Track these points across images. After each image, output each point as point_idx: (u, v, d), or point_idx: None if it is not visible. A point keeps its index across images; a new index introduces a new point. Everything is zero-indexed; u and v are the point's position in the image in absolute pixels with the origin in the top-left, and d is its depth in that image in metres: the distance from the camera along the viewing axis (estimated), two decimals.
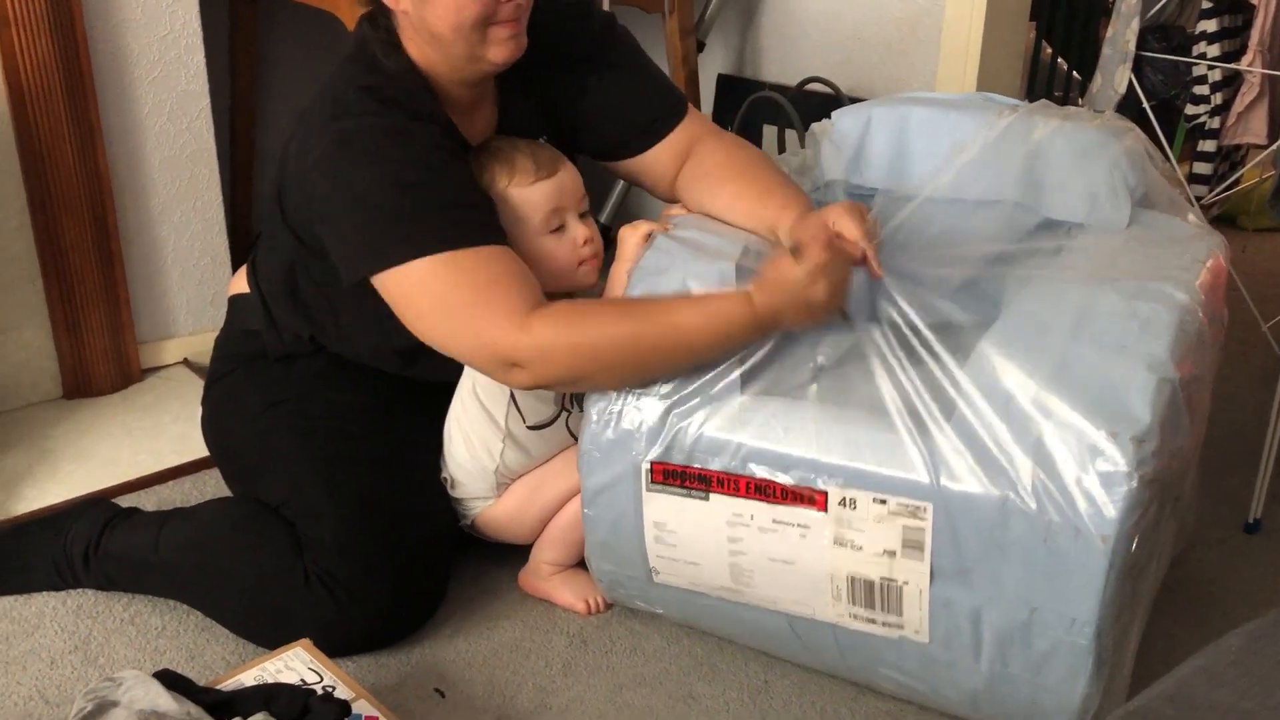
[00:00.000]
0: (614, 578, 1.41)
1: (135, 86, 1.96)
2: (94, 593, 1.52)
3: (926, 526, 1.16)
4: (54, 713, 1.33)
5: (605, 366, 1.29)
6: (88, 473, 1.81)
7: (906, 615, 1.21)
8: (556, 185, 1.43)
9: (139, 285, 2.06)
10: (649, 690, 1.38)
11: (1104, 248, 1.30)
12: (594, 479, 1.33)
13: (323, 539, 1.40)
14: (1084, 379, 1.13)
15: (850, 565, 1.21)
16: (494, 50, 1.36)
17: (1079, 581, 1.11)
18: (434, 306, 1.30)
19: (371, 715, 1.22)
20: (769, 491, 1.23)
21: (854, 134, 1.50)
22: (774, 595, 1.28)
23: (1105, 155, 1.37)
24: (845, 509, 1.20)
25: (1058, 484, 1.10)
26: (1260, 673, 0.72)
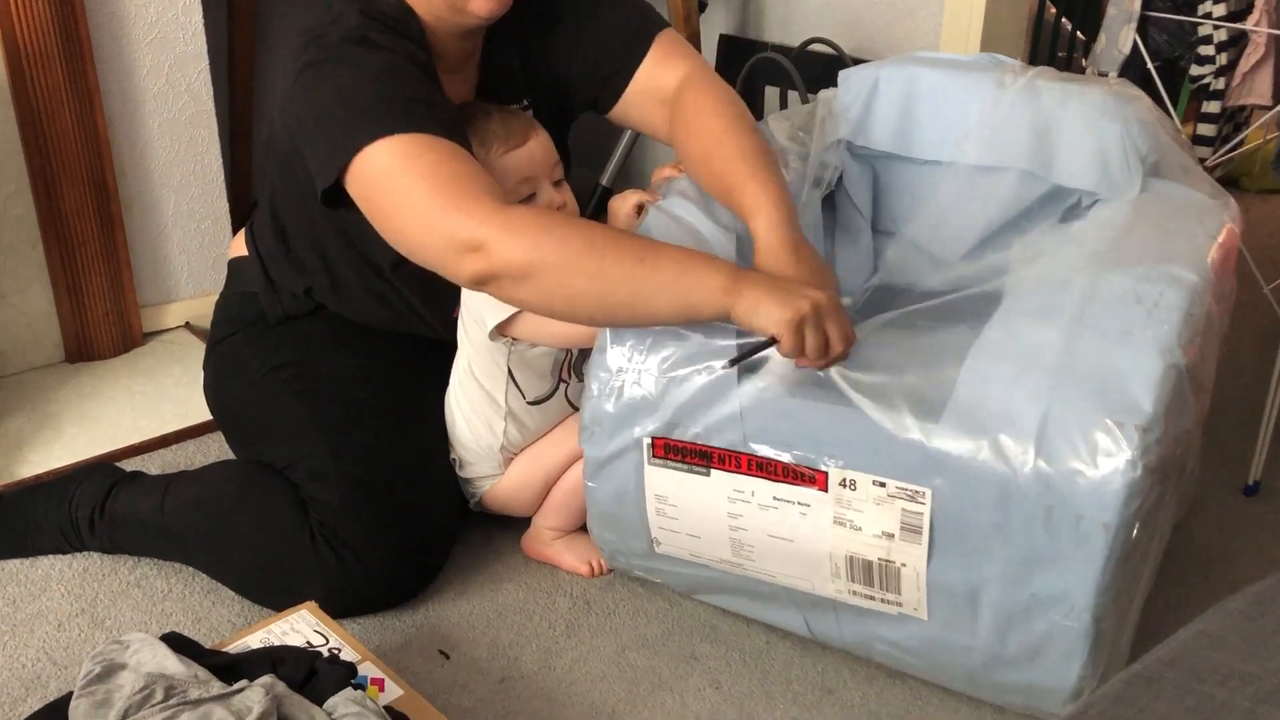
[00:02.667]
0: (616, 547, 1.41)
1: (133, 48, 1.95)
2: (100, 556, 1.53)
3: (925, 511, 1.15)
4: (62, 674, 1.34)
5: (564, 270, 1.19)
6: (91, 437, 1.82)
7: (905, 595, 1.21)
8: (526, 155, 1.42)
9: (140, 248, 2.06)
10: (652, 651, 1.39)
11: (1114, 221, 1.28)
12: (596, 452, 1.33)
13: (327, 500, 1.41)
14: (1089, 365, 1.11)
15: (849, 545, 1.21)
16: (475, 2, 1.35)
17: (1078, 567, 1.10)
18: (404, 190, 1.23)
19: (377, 677, 1.23)
20: (770, 469, 1.23)
21: (861, 95, 1.48)
22: (773, 569, 1.29)
23: (1117, 122, 1.35)
24: (845, 490, 1.19)
25: (1060, 471, 1.09)
26: (1261, 636, 0.73)
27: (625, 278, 1.19)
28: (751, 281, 1.18)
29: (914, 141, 1.46)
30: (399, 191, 1.24)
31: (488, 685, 1.34)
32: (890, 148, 1.47)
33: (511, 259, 1.20)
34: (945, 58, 1.50)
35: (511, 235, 1.20)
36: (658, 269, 1.19)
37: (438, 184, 1.22)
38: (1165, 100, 2.13)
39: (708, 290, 1.18)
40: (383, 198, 1.26)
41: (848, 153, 1.50)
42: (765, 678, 1.35)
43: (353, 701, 1.13)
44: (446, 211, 1.21)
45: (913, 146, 1.46)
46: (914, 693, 1.33)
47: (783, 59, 2.21)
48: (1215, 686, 0.69)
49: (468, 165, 1.26)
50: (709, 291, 1.18)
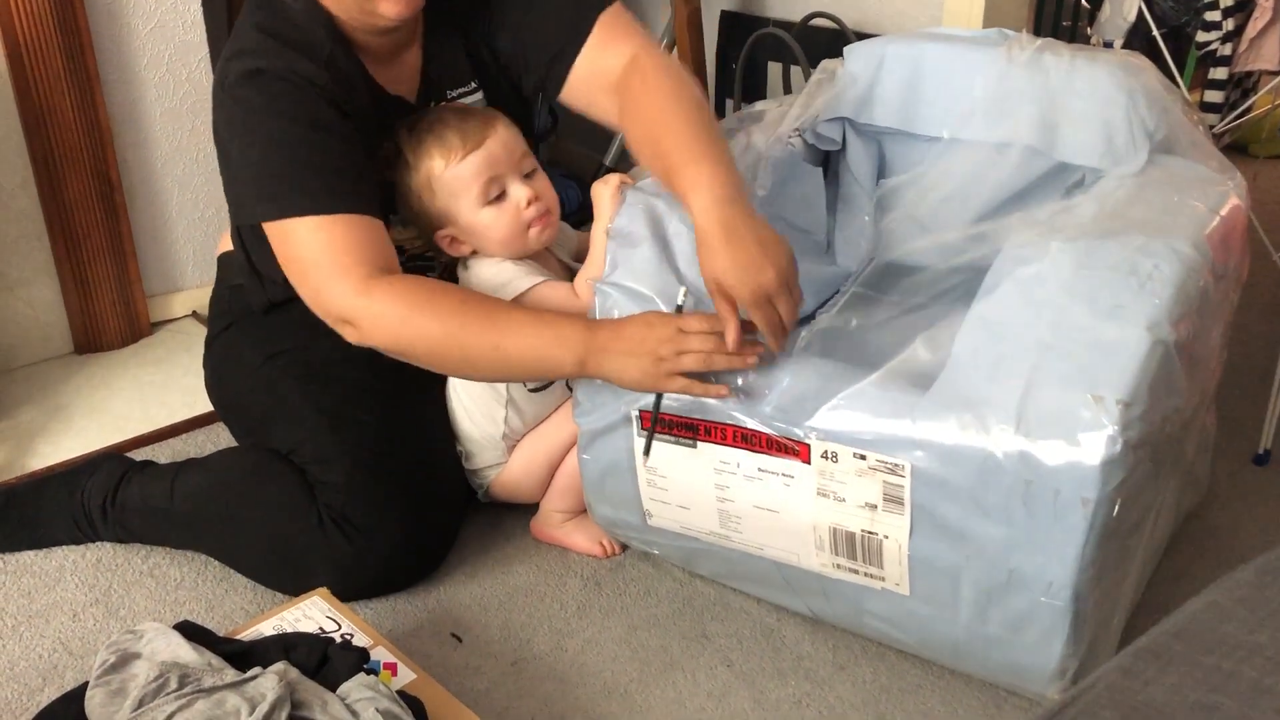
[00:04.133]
0: (611, 520, 1.42)
1: (132, 38, 1.95)
2: (113, 546, 1.54)
3: (906, 484, 1.14)
4: (78, 664, 1.35)
5: (430, 349, 1.31)
6: (101, 427, 1.82)
7: (887, 568, 1.20)
8: (485, 156, 1.40)
9: (145, 238, 2.06)
10: (662, 630, 1.40)
11: (1114, 196, 1.26)
12: (587, 425, 1.34)
13: (333, 481, 1.41)
14: (1075, 339, 1.09)
15: (832, 516, 1.21)
16: (386, 5, 1.33)
17: (1058, 544, 1.09)
18: (290, 260, 1.34)
19: (390, 661, 1.23)
20: (755, 441, 1.23)
21: (866, 71, 1.46)
22: (761, 542, 1.29)
23: (1123, 95, 1.33)
24: (827, 462, 1.19)
25: (1040, 445, 1.07)
26: (1270, 607, 0.73)
27: (488, 361, 1.31)
28: (600, 351, 1.25)
29: (919, 117, 1.45)
30: (290, 260, 1.34)
31: (500, 667, 1.35)
32: (895, 123, 1.46)
33: (378, 343, 1.32)
34: (954, 33, 1.48)
35: (374, 321, 1.30)
36: (513, 351, 1.29)
37: (318, 260, 1.31)
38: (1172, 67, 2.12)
39: (560, 368, 1.30)
40: (285, 260, 1.35)
41: (851, 128, 1.48)
42: (777, 655, 1.36)
43: (366, 686, 1.13)
44: (321, 288, 1.31)
45: (917, 122, 1.45)
46: (925, 669, 1.33)
47: (785, 34, 2.19)
48: (1223, 658, 0.69)
49: (356, 231, 1.31)
50: (561, 368, 1.30)
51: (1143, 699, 0.66)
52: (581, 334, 1.26)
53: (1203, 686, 0.67)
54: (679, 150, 1.27)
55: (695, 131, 1.29)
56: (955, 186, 1.39)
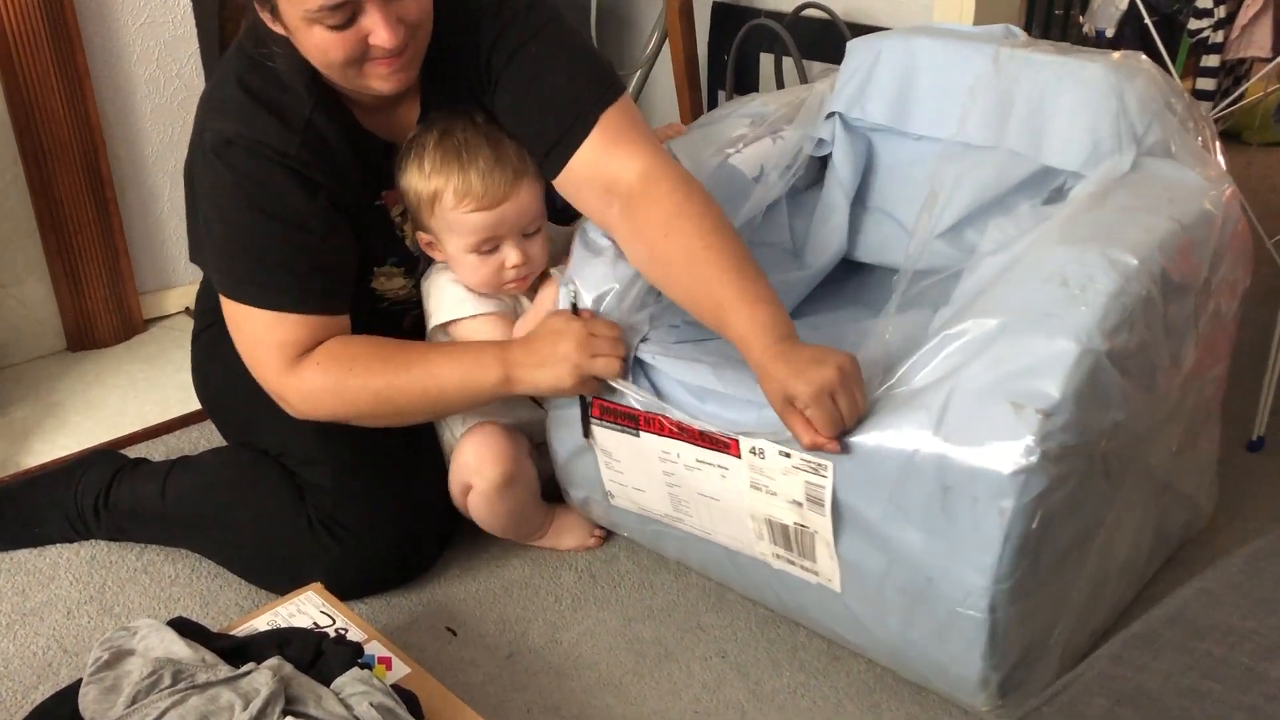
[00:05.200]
0: (583, 501, 1.45)
1: (122, 33, 1.94)
2: (107, 543, 1.54)
3: (827, 484, 1.13)
4: (73, 661, 1.35)
5: (363, 413, 1.35)
6: (95, 424, 1.82)
7: (819, 564, 1.20)
8: (494, 218, 1.36)
9: (137, 235, 2.06)
10: (658, 622, 1.40)
11: (1079, 202, 1.23)
12: (555, 408, 1.38)
13: (321, 484, 1.41)
14: (1004, 345, 1.07)
15: (766, 508, 1.21)
16: (377, 83, 1.29)
17: (975, 552, 1.06)
18: (233, 331, 1.37)
19: (384, 655, 1.23)
20: (688, 434, 1.23)
21: (863, 67, 1.44)
22: (708, 527, 1.30)
23: (1112, 100, 1.29)
24: (755, 457, 1.18)
25: (958, 451, 1.05)
26: (1261, 594, 0.73)
27: (419, 405, 1.35)
28: (519, 365, 1.30)
29: (909, 115, 1.43)
30: (233, 331, 1.37)
31: (495, 661, 1.35)
32: (886, 120, 1.44)
33: (311, 415, 1.36)
34: (954, 28, 1.46)
35: (303, 399, 1.34)
36: (442, 389, 1.33)
37: (255, 343, 1.35)
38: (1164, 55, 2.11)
39: (489, 391, 1.32)
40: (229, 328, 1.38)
41: (841, 125, 1.47)
42: (771, 646, 1.36)
43: (360, 681, 1.13)
44: (256, 366, 1.36)
45: (908, 120, 1.43)
46: None
47: (776, 25, 2.19)
48: (1214, 644, 0.69)
49: (287, 330, 1.32)
50: (491, 391, 1.32)
51: (1134, 685, 0.66)
52: (497, 354, 1.31)
53: (1194, 673, 0.67)
54: (730, 290, 1.20)
55: (742, 269, 1.22)
56: (935, 188, 1.37)
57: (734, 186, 1.45)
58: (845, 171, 1.47)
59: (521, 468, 1.43)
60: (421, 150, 1.37)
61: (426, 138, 1.38)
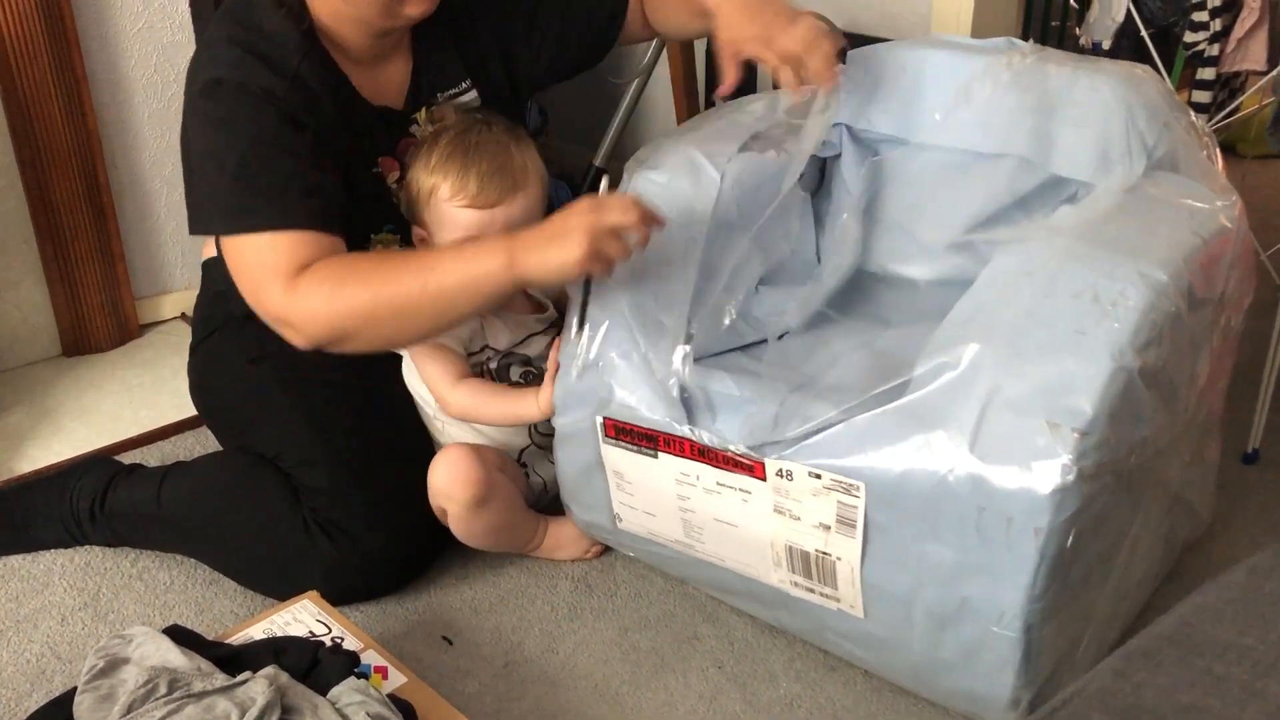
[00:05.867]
0: (587, 522, 1.42)
1: (120, 39, 1.94)
2: (102, 550, 1.53)
3: (859, 505, 1.12)
4: (66, 669, 1.34)
5: (365, 318, 1.29)
6: (90, 430, 1.82)
7: (841, 590, 1.18)
8: (485, 219, 1.38)
9: (133, 240, 2.05)
10: (654, 632, 1.40)
11: (1096, 213, 1.21)
12: (562, 425, 1.34)
13: (318, 485, 1.41)
14: (1035, 363, 1.06)
15: (788, 535, 1.19)
16: (410, 7, 1.36)
17: (1010, 573, 1.06)
18: (235, 272, 1.35)
19: (380, 665, 1.23)
20: (711, 455, 1.21)
21: (866, 77, 1.43)
22: (722, 554, 1.28)
23: (1122, 110, 1.29)
24: (782, 480, 1.17)
25: (993, 471, 1.05)
26: (1260, 609, 0.73)
27: (423, 305, 1.28)
28: (523, 247, 1.24)
29: (916, 124, 1.41)
30: (235, 272, 1.35)
31: (491, 670, 1.34)
32: (892, 130, 1.43)
33: (317, 334, 1.30)
34: (957, 40, 1.45)
35: (306, 315, 1.29)
36: (443, 285, 1.26)
37: (253, 270, 1.32)
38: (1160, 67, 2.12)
39: (493, 280, 1.25)
40: (229, 270, 1.36)
41: (847, 136, 1.45)
42: (768, 656, 1.36)
43: (356, 690, 1.13)
44: (256, 295, 1.33)
45: (914, 130, 1.41)
46: None
47: None
48: (1214, 660, 0.69)
49: (283, 249, 1.30)
50: (495, 280, 1.25)
51: (1134, 701, 0.67)
52: (500, 240, 1.27)
53: (1194, 689, 0.67)
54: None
55: None
56: (945, 197, 1.36)
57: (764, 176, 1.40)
58: (854, 182, 1.46)
59: (494, 486, 1.41)
60: (432, 146, 1.40)
61: (441, 135, 1.41)
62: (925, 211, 1.40)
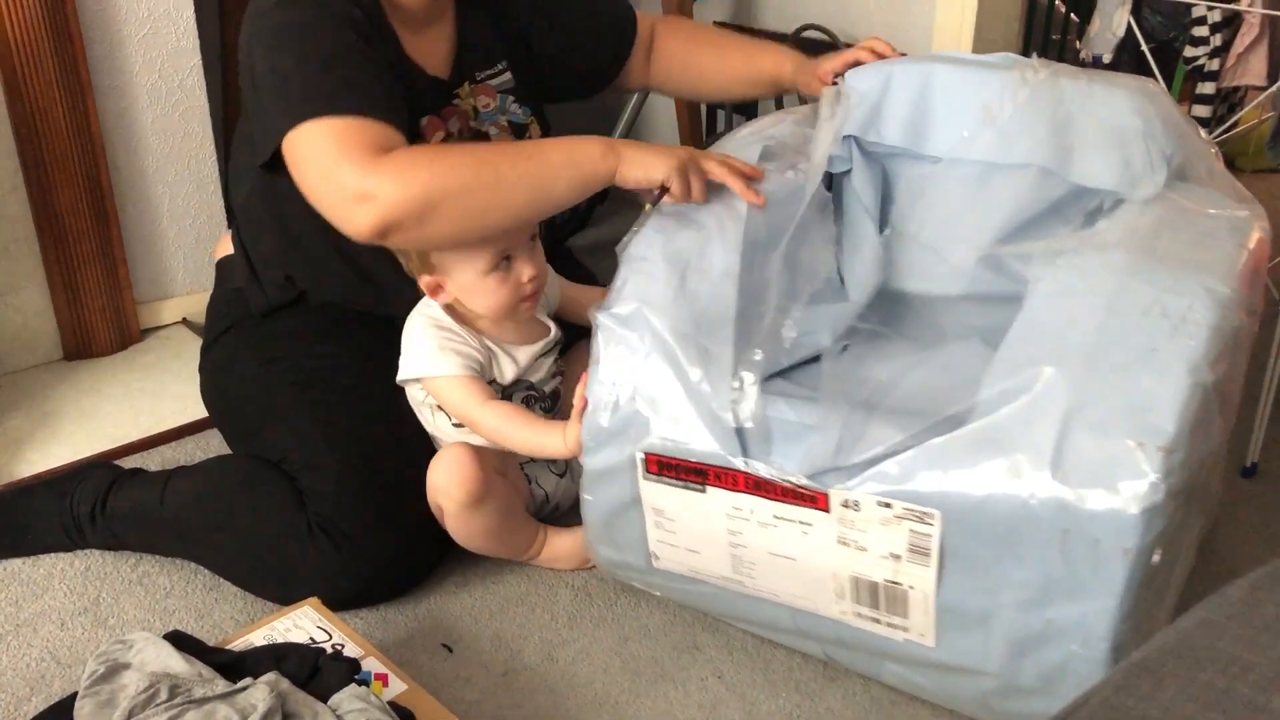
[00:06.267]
0: (614, 562, 1.36)
1: (125, 44, 1.94)
2: (102, 554, 1.53)
3: (934, 533, 1.09)
4: (66, 673, 1.34)
5: (462, 193, 1.26)
6: (90, 434, 1.82)
7: (912, 619, 1.15)
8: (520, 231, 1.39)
9: (135, 245, 2.06)
10: (654, 641, 1.40)
11: (1138, 226, 1.20)
12: (592, 464, 1.28)
13: (323, 489, 1.41)
14: (1111, 383, 1.05)
15: (854, 566, 1.15)
16: None
17: (1096, 594, 1.05)
18: (304, 163, 1.31)
19: (380, 672, 1.23)
20: (768, 489, 1.16)
21: (873, 91, 1.40)
22: (775, 588, 1.23)
23: (1139, 120, 1.28)
24: (849, 510, 1.13)
25: (1077, 493, 1.03)
26: (1262, 623, 0.73)
27: (522, 177, 1.29)
28: (625, 144, 1.32)
29: (928, 137, 1.39)
30: (308, 158, 1.30)
31: (491, 678, 1.34)
32: (903, 143, 1.40)
33: (401, 203, 1.25)
34: (963, 56, 1.45)
35: (400, 179, 1.25)
36: (547, 158, 1.31)
37: (334, 146, 1.28)
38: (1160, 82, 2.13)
39: (592, 159, 1.31)
40: (300, 165, 1.32)
41: (857, 150, 1.42)
42: (767, 666, 1.36)
43: (356, 698, 1.13)
44: (338, 165, 1.27)
45: (927, 142, 1.40)
46: None
47: None
48: (1216, 674, 0.69)
49: (369, 129, 1.28)
50: (593, 160, 1.31)
51: (1137, 716, 0.67)
52: (601, 138, 1.33)
53: (1197, 703, 0.67)
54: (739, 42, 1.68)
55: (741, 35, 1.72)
56: (967, 210, 1.34)
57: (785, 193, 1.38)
58: (868, 197, 1.42)
59: (491, 488, 1.41)
60: None
61: None
62: (948, 225, 1.37)
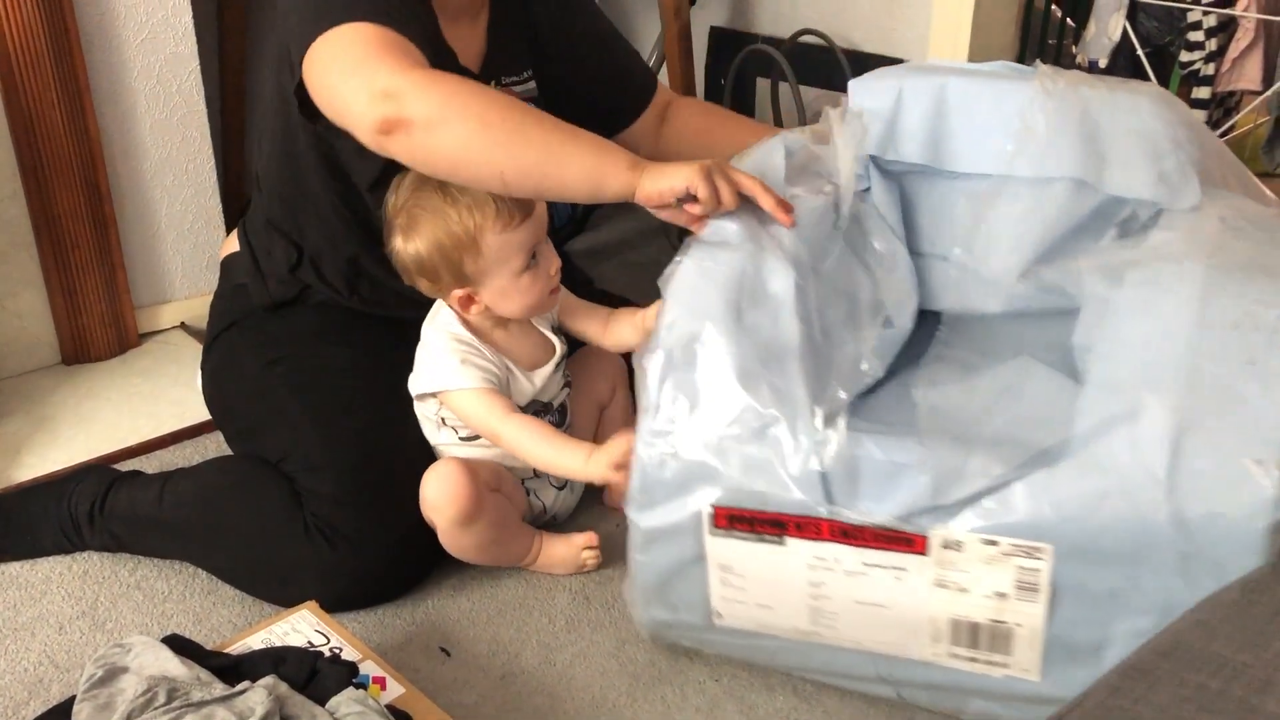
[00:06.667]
0: (664, 622, 1.27)
1: (123, 49, 1.95)
2: (100, 557, 1.54)
3: (1044, 568, 1.05)
4: (64, 677, 1.34)
5: (479, 127, 1.22)
6: (88, 438, 1.82)
7: (1016, 655, 1.11)
8: (535, 220, 1.38)
9: (134, 249, 2.06)
10: (651, 645, 1.40)
11: (1202, 237, 1.16)
12: (647, 522, 1.18)
13: (321, 490, 1.42)
14: (1215, 400, 1.03)
15: (954, 608, 1.11)
16: None
17: None
18: (341, 60, 1.27)
19: (379, 675, 1.23)
20: (857, 535, 1.10)
21: (884, 107, 1.34)
22: (859, 637, 1.17)
23: (1164, 127, 1.26)
24: (949, 551, 1.08)
25: (1196, 515, 1.00)
26: (1256, 625, 0.73)
27: (542, 139, 1.23)
28: (651, 163, 1.25)
29: (950, 153, 1.34)
30: (338, 57, 1.27)
31: (489, 682, 1.35)
32: (924, 160, 1.35)
33: (425, 104, 1.21)
34: (965, 66, 1.41)
35: (428, 88, 1.22)
36: (575, 141, 1.24)
37: (373, 46, 1.26)
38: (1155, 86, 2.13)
39: (616, 165, 1.23)
40: (327, 64, 1.28)
41: (875, 169, 1.37)
42: (765, 670, 1.36)
43: (355, 701, 1.13)
44: (368, 63, 1.24)
45: (947, 159, 1.35)
46: None
47: (774, 51, 2.21)
48: (1209, 677, 0.69)
49: (408, 46, 1.28)
50: (618, 166, 1.23)
51: (1131, 718, 0.67)
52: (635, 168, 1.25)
53: (1190, 705, 0.67)
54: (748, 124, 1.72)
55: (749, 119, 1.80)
56: (1002, 227, 1.30)
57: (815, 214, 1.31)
58: (893, 218, 1.37)
59: (482, 505, 1.41)
60: (421, 203, 1.35)
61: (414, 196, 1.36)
62: (971, 241, 1.33)
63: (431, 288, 1.42)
